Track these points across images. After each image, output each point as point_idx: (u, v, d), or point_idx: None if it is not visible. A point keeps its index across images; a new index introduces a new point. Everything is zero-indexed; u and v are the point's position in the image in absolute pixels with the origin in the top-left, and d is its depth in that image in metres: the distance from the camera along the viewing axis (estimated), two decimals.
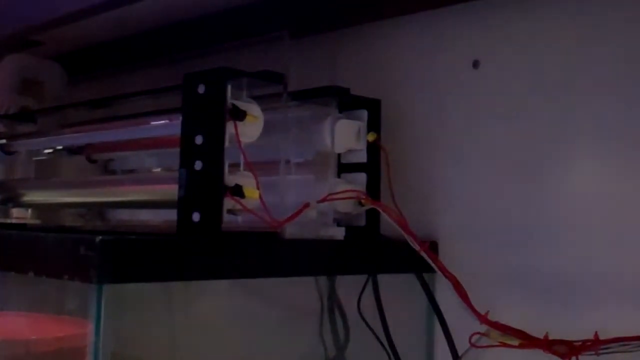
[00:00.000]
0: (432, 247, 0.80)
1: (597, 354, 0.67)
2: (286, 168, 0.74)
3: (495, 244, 0.79)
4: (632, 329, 0.65)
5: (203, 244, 0.65)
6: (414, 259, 0.75)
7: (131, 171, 1.00)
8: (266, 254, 0.69)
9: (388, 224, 0.76)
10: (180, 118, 0.72)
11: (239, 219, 0.69)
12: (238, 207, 0.68)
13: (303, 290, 0.94)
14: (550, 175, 0.75)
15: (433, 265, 0.75)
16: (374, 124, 0.81)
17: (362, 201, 0.78)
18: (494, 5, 0.80)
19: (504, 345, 0.71)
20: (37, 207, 1.00)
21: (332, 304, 0.92)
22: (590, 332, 0.66)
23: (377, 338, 0.85)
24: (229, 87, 0.69)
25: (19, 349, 0.83)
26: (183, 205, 0.69)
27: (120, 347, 0.69)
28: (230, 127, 0.68)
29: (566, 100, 0.75)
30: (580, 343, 0.67)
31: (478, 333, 0.73)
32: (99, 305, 0.57)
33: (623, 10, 0.71)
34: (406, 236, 0.75)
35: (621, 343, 0.65)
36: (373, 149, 0.81)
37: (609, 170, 0.72)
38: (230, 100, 0.69)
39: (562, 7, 0.76)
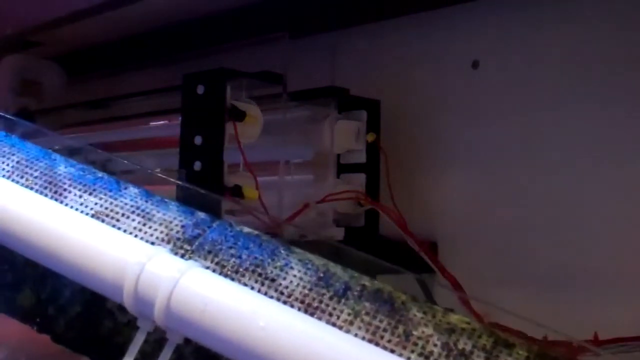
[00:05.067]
0: (432, 247, 0.79)
1: (597, 355, 0.66)
2: (285, 168, 0.74)
3: (494, 244, 0.79)
4: (632, 329, 0.65)
5: None
6: (413, 259, 0.75)
7: (130, 172, 1.00)
8: None
9: (387, 224, 0.76)
10: (180, 119, 0.72)
11: (239, 219, 0.69)
12: (237, 207, 0.68)
13: None
14: (549, 175, 0.75)
15: (432, 265, 0.75)
16: (373, 125, 0.81)
17: (362, 202, 0.78)
18: (494, 6, 0.80)
19: None
20: None
21: None
22: (590, 333, 0.66)
23: None
24: (229, 88, 0.69)
25: (18, 350, 0.82)
26: None
27: None
28: (229, 128, 0.68)
29: (566, 101, 0.75)
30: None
31: None
32: None
33: (622, 11, 0.71)
34: (405, 237, 0.75)
35: (621, 343, 0.65)
36: (372, 149, 0.81)
37: (608, 170, 0.72)
38: (229, 100, 0.69)
39: (562, 7, 0.76)
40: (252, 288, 0.38)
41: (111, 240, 0.41)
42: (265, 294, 0.38)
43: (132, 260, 0.39)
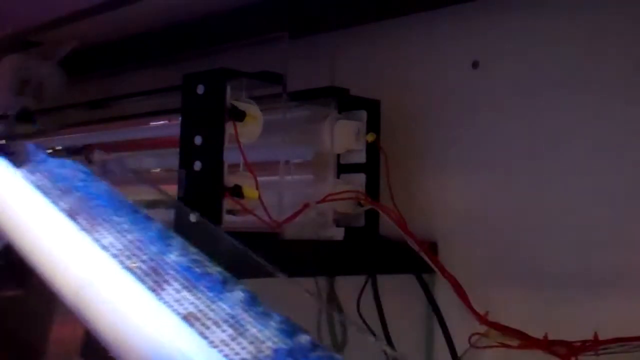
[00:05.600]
0: (432, 247, 0.79)
1: (597, 355, 0.66)
2: (285, 168, 0.74)
3: (494, 244, 0.79)
4: (632, 329, 0.65)
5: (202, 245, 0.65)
6: (414, 259, 0.75)
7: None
8: (265, 254, 0.69)
9: (387, 224, 0.76)
10: (180, 118, 0.72)
11: (239, 219, 0.69)
12: (237, 207, 0.68)
13: (302, 291, 0.94)
14: (549, 175, 0.75)
15: (432, 265, 0.75)
16: (373, 125, 0.81)
17: (362, 202, 0.78)
18: (494, 6, 0.80)
19: (504, 345, 0.71)
20: None
21: (331, 305, 0.92)
22: (590, 333, 0.66)
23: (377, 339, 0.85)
24: (229, 88, 0.69)
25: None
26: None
27: None
28: (229, 128, 0.68)
29: (566, 101, 0.75)
30: (579, 343, 0.67)
31: (477, 333, 0.73)
32: None
33: (623, 10, 0.71)
34: (405, 237, 0.75)
35: (621, 343, 0.65)
36: (372, 149, 0.81)
37: (608, 170, 0.72)
38: (229, 100, 0.69)
39: (562, 7, 0.76)
40: None
41: (191, 354, 0.37)
42: None
43: None
